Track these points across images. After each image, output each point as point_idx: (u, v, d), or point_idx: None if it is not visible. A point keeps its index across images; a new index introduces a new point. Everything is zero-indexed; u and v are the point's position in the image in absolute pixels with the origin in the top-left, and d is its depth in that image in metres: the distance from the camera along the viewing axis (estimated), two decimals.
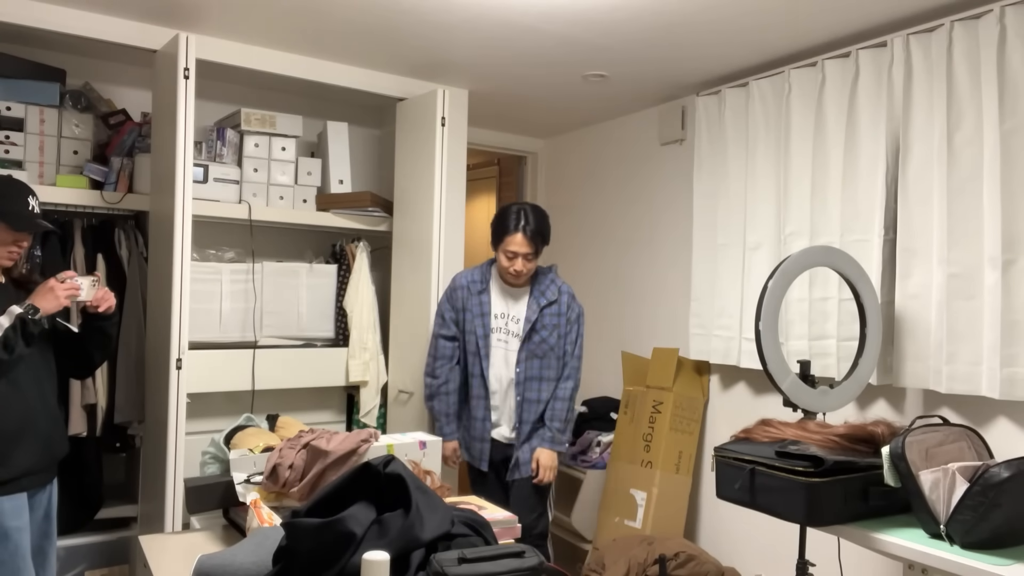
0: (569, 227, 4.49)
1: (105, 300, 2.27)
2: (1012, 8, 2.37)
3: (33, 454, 2.17)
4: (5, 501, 2.09)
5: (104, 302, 2.26)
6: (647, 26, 2.82)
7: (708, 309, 3.42)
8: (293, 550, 1.35)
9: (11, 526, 2.09)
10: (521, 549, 1.36)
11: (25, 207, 2.18)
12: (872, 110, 2.77)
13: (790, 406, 2.37)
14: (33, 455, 2.17)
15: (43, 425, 2.22)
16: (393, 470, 1.42)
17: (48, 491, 2.28)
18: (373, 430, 2.03)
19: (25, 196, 2.21)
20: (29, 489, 2.18)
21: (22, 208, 2.18)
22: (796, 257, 2.40)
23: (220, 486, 2.02)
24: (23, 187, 2.25)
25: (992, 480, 1.74)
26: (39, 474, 2.21)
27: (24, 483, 2.15)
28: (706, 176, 3.46)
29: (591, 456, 3.76)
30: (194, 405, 2.97)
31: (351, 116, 3.82)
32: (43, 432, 2.21)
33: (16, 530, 2.10)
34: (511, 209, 2.99)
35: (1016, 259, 2.37)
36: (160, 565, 1.76)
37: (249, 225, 3.35)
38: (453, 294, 3.06)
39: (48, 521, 2.29)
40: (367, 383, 3.49)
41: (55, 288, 2.14)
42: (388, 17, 2.83)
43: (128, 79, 3.35)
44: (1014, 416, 2.47)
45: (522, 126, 4.43)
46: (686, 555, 3.04)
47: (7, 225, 2.16)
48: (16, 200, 2.18)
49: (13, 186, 2.23)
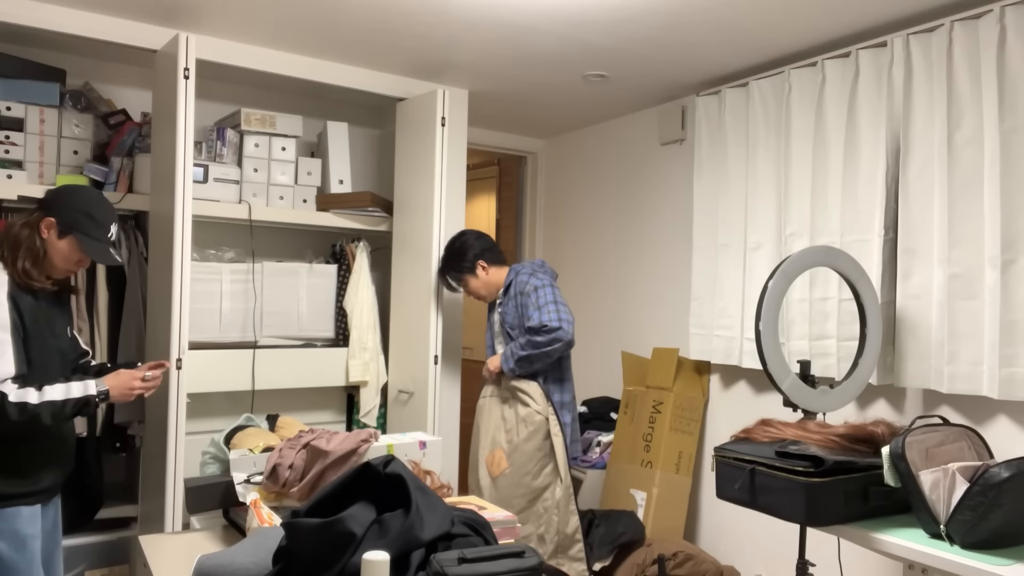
0: (569, 227, 4.49)
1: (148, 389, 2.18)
2: (1012, 8, 2.37)
3: (59, 472, 2.20)
4: (24, 509, 2.09)
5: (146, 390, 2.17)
6: (647, 26, 2.82)
7: (709, 309, 3.42)
8: (293, 550, 1.35)
9: (28, 533, 2.09)
10: (521, 549, 1.36)
11: (105, 233, 2.12)
12: (872, 110, 2.77)
13: (790, 406, 2.37)
14: (59, 473, 2.20)
15: (68, 442, 2.24)
16: (393, 470, 1.42)
17: (55, 501, 2.27)
18: (373, 430, 2.03)
19: (110, 223, 2.14)
20: (45, 502, 2.18)
21: (102, 234, 2.12)
22: (796, 257, 2.40)
23: (220, 486, 2.02)
24: (110, 211, 2.16)
25: (992, 480, 1.74)
26: (56, 488, 2.23)
27: (43, 496, 2.16)
28: (706, 176, 3.46)
29: (591, 456, 3.77)
30: (194, 405, 2.97)
31: (351, 116, 3.83)
32: (68, 450, 2.24)
33: (32, 538, 2.10)
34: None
35: (1016, 259, 2.37)
36: (160, 565, 1.76)
37: (249, 225, 3.35)
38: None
39: (56, 530, 2.28)
40: (367, 383, 3.49)
41: (134, 387, 2.09)
42: (388, 17, 2.83)
43: (128, 79, 3.35)
44: (1014, 416, 2.47)
45: (522, 126, 4.43)
46: (684, 555, 3.04)
47: (80, 247, 2.10)
48: (100, 225, 2.11)
49: (100, 208, 2.13)
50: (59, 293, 2.23)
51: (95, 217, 2.11)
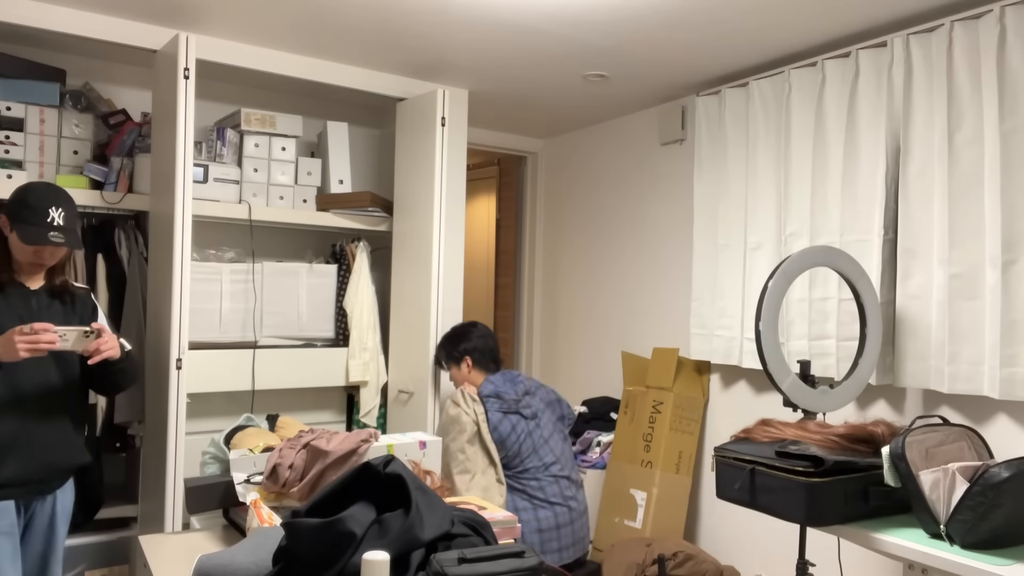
0: (569, 227, 4.49)
1: (100, 352, 2.10)
2: (1012, 8, 2.37)
3: (25, 464, 2.11)
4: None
5: (99, 354, 2.10)
6: (647, 26, 2.82)
7: (709, 309, 3.42)
8: (293, 550, 1.35)
9: None
10: (521, 549, 1.36)
11: (42, 217, 2.11)
12: (872, 110, 2.77)
13: (790, 406, 2.37)
14: (25, 465, 2.11)
15: (41, 435, 2.14)
16: (393, 470, 1.42)
17: (51, 501, 2.22)
18: (373, 430, 2.03)
19: (47, 206, 2.12)
20: (19, 498, 2.13)
21: (38, 219, 2.11)
22: (796, 257, 2.40)
23: (220, 486, 2.02)
24: (48, 196, 2.15)
25: (992, 480, 1.74)
26: (34, 484, 2.15)
27: (12, 492, 2.10)
28: (706, 176, 3.46)
29: (591, 456, 3.76)
30: (194, 405, 2.97)
31: (351, 116, 3.83)
32: (40, 442, 2.14)
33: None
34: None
35: (1016, 259, 2.37)
36: (160, 565, 1.76)
37: (249, 225, 3.35)
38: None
39: (52, 531, 2.22)
40: (367, 383, 3.49)
41: (16, 341, 1.97)
42: (388, 17, 2.83)
43: (128, 79, 3.35)
44: (1014, 416, 2.47)
45: (522, 126, 4.43)
46: (684, 554, 3.04)
47: (18, 235, 2.11)
48: (35, 210, 2.11)
49: (35, 194, 2.14)
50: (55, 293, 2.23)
51: (29, 203, 2.12)
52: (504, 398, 2.98)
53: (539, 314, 4.72)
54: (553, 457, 2.95)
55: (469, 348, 3.14)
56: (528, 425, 2.95)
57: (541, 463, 2.92)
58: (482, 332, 3.20)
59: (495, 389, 2.99)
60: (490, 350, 3.18)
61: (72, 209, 2.19)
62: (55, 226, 2.13)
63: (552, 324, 4.61)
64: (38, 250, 2.15)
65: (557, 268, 4.58)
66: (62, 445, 2.21)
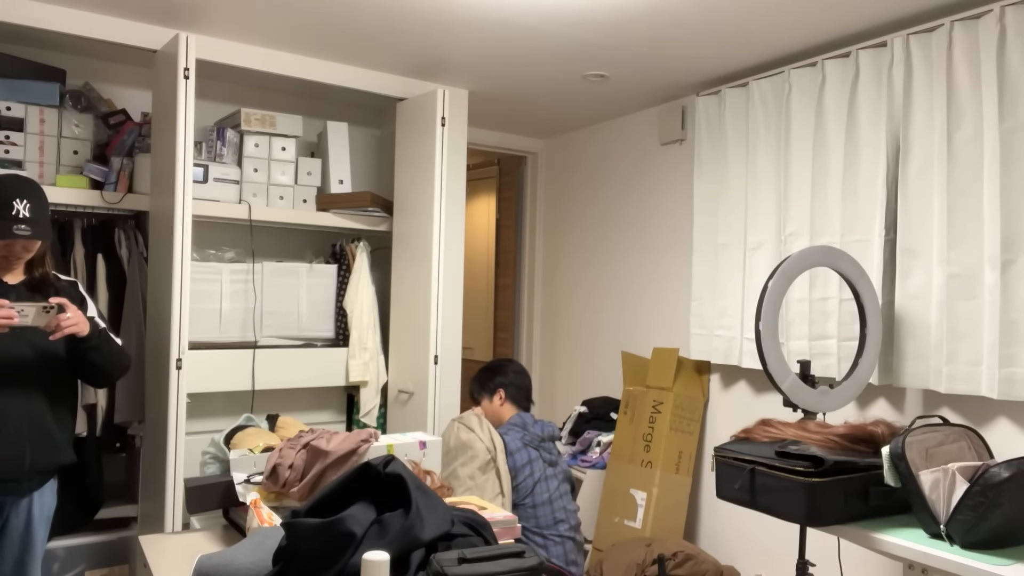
0: (569, 227, 4.49)
1: (61, 328, 2.05)
2: (1012, 8, 2.37)
3: None
4: None
5: (60, 330, 2.05)
6: (647, 26, 2.82)
7: (709, 309, 3.42)
8: (293, 550, 1.35)
9: None
10: (521, 549, 1.36)
11: (7, 211, 2.06)
12: (872, 110, 2.77)
13: (790, 406, 2.37)
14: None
15: (15, 431, 2.09)
16: (393, 470, 1.42)
17: (28, 502, 2.17)
18: (373, 430, 2.03)
19: (11, 198, 2.07)
20: None
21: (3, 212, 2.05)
22: (796, 257, 2.40)
23: (220, 486, 2.02)
24: (12, 188, 2.10)
25: (992, 480, 1.74)
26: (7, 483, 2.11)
27: None
28: (706, 176, 3.46)
29: (591, 456, 3.77)
30: (194, 405, 2.97)
31: (351, 116, 3.83)
32: (13, 439, 2.09)
33: None
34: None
35: (1016, 259, 2.37)
36: (160, 565, 1.76)
37: (249, 225, 3.35)
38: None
39: (29, 533, 2.17)
40: (367, 383, 3.49)
41: None
42: (388, 17, 2.83)
43: (128, 79, 3.35)
44: (1014, 416, 2.47)
45: (522, 126, 4.43)
46: (684, 554, 3.04)
47: None
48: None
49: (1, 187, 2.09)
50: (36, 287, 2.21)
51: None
52: (528, 430, 2.95)
53: (539, 314, 4.72)
54: (564, 515, 2.89)
55: (505, 382, 3.12)
56: (545, 470, 2.90)
57: (553, 518, 2.86)
58: (518, 368, 3.19)
59: (523, 420, 2.98)
60: (525, 387, 3.16)
61: (40, 199, 2.13)
62: (20, 218, 2.07)
63: (552, 324, 4.61)
64: (7, 244, 2.11)
65: (557, 268, 4.58)
66: (38, 444, 2.14)
